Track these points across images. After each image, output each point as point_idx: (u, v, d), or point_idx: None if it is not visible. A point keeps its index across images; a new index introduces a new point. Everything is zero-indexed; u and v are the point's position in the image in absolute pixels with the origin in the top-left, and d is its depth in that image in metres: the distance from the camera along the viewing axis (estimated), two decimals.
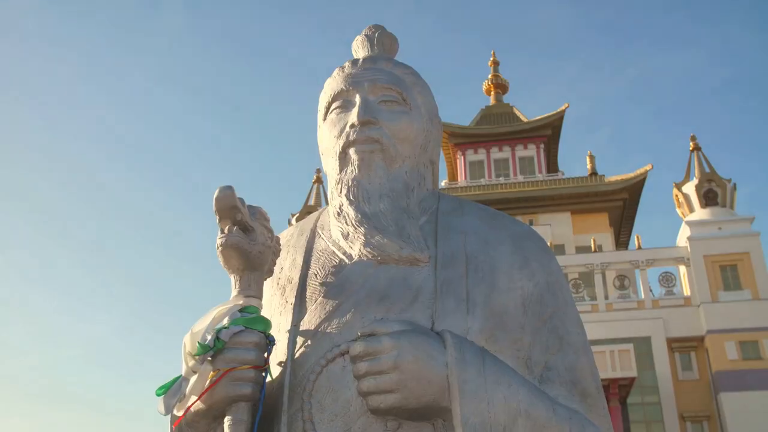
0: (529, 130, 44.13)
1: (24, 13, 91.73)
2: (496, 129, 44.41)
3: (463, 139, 44.68)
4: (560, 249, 37.58)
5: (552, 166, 45.46)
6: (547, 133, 44.24)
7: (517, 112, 46.28)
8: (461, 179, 43.81)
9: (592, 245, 36.14)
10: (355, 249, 2.07)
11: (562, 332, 2.04)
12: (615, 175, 40.90)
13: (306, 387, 1.88)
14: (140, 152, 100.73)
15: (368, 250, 2.04)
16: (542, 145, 44.20)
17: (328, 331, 1.95)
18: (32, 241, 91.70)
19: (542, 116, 44.30)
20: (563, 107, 44.04)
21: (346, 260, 2.09)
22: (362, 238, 2.06)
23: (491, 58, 50.34)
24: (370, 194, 2.13)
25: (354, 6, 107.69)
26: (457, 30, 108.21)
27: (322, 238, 2.22)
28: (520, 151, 44.01)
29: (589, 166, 42.04)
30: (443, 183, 43.87)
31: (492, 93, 48.80)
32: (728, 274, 33.32)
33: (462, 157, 44.56)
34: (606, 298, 33.97)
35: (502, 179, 42.58)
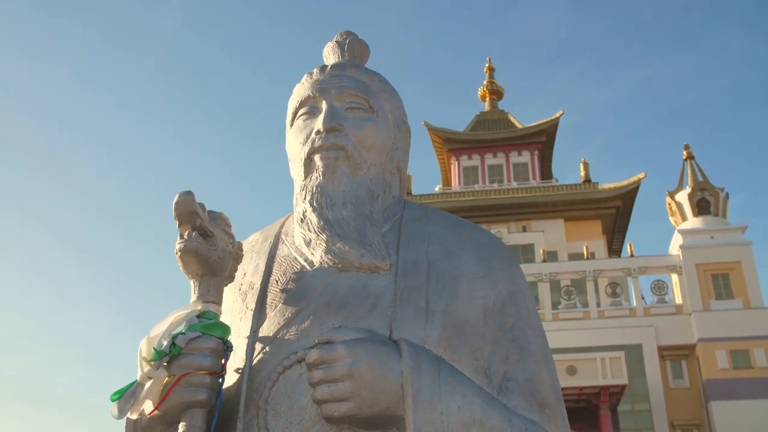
0: (523, 137, 44.22)
1: (17, 13, 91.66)
2: (490, 135, 44.48)
3: (457, 144, 44.74)
4: (553, 256, 37.61)
5: (546, 173, 45.53)
6: (542, 140, 44.33)
7: (512, 119, 46.38)
8: (455, 185, 43.85)
9: (585, 252, 36.18)
10: (317, 256, 2.07)
11: (522, 342, 2.03)
12: (608, 182, 41.03)
13: (262, 394, 1.87)
14: (136, 152, 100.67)
15: (329, 257, 2.04)
16: (536, 152, 44.28)
17: (286, 337, 1.95)
18: (24, 241, 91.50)
19: (537, 123, 44.40)
20: (558, 114, 44.16)
21: (308, 267, 2.09)
22: (324, 245, 2.06)
23: (487, 65, 50.47)
24: (333, 201, 2.13)
25: (351, 10, 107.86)
26: (453, 36, 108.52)
27: (286, 245, 2.22)
28: (514, 158, 44.09)
29: (582, 174, 42.12)
30: (437, 188, 43.98)
31: (487, 99, 48.91)
32: (720, 283, 33.41)
33: (456, 163, 44.62)
34: (598, 305, 34.01)
35: (495, 185, 42.63)
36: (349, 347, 1.75)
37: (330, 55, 2.48)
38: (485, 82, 49.69)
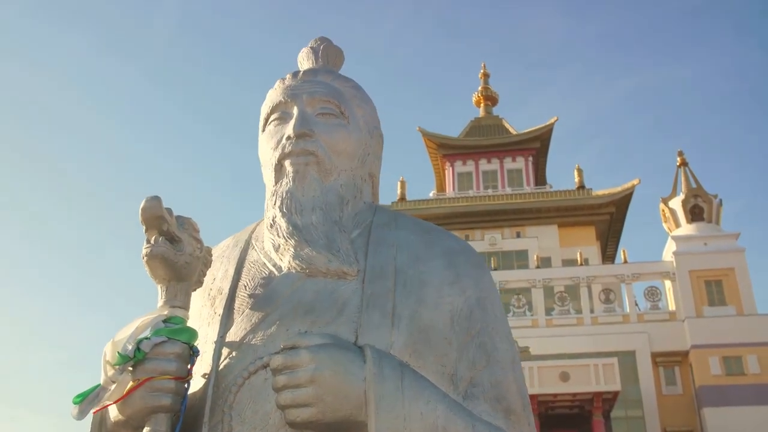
0: (517, 143, 44.37)
1: (12, 16, 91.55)
2: (484, 141, 44.62)
3: (451, 150, 44.85)
4: (547, 262, 37.70)
5: (540, 179, 45.67)
6: (536, 146, 44.49)
7: (506, 125, 46.52)
8: (449, 190, 43.94)
9: (579, 258, 36.26)
10: (285, 261, 2.08)
11: (489, 348, 2.03)
12: (602, 188, 41.20)
13: (228, 399, 1.87)
14: (129, 156, 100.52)
15: (297, 262, 2.04)
16: (531, 158, 44.42)
17: (252, 343, 1.95)
18: (16, 244, 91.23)
19: (531, 129, 44.57)
20: (552, 120, 44.33)
21: (276, 272, 2.09)
22: (292, 250, 2.06)
23: (482, 70, 50.62)
24: (303, 206, 2.13)
25: (348, 16, 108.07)
26: (448, 42, 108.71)
27: (255, 250, 2.22)
28: (509, 164, 44.21)
29: (576, 180, 42.25)
30: (431, 194, 44.04)
31: (482, 105, 49.07)
32: (713, 290, 33.52)
33: (450, 168, 44.70)
34: (591, 311, 34.09)
35: (490, 191, 42.76)
36: (313, 353, 1.75)
37: (304, 61, 2.49)
38: (480, 88, 49.85)
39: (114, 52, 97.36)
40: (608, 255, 44.08)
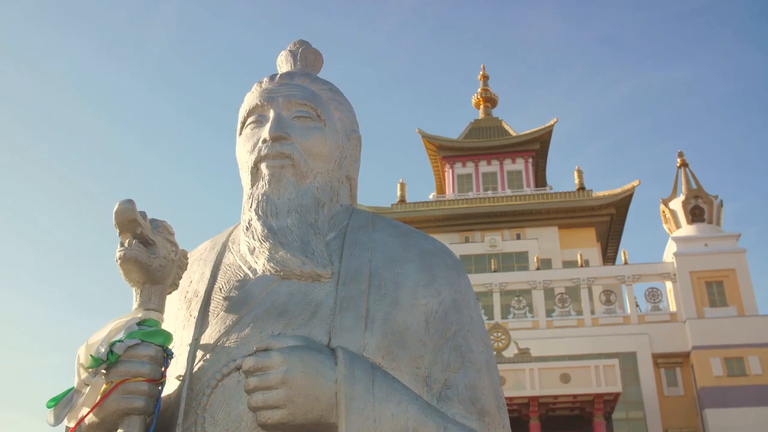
0: (517, 144, 44.35)
1: (11, 18, 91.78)
2: (484, 143, 44.61)
3: (451, 152, 44.84)
4: (547, 263, 37.68)
5: (540, 181, 45.66)
6: (536, 148, 44.46)
7: (506, 126, 46.51)
8: (449, 192, 43.92)
9: (579, 260, 36.23)
10: (260, 264, 2.09)
11: (464, 350, 2.02)
12: (603, 190, 41.11)
13: (201, 401, 1.88)
14: (130, 158, 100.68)
15: (271, 265, 2.05)
16: (530, 160, 44.40)
17: (226, 345, 1.96)
18: (14, 246, 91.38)
19: (531, 131, 44.54)
20: (552, 122, 44.31)
21: (251, 275, 2.10)
22: (266, 252, 2.07)
23: (481, 72, 50.64)
24: (278, 209, 2.14)
25: (347, 18, 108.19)
26: (448, 44, 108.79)
27: (232, 253, 2.23)
28: (509, 165, 44.19)
29: (576, 181, 42.21)
30: (431, 196, 44.03)
31: (481, 107, 49.08)
32: (714, 291, 33.48)
33: (450, 170, 44.69)
34: (592, 312, 34.06)
35: (489, 193, 42.74)
36: (284, 355, 1.75)
37: (283, 64, 2.51)
38: (479, 90, 49.87)
39: (112, 55, 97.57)
40: (609, 256, 44.04)
